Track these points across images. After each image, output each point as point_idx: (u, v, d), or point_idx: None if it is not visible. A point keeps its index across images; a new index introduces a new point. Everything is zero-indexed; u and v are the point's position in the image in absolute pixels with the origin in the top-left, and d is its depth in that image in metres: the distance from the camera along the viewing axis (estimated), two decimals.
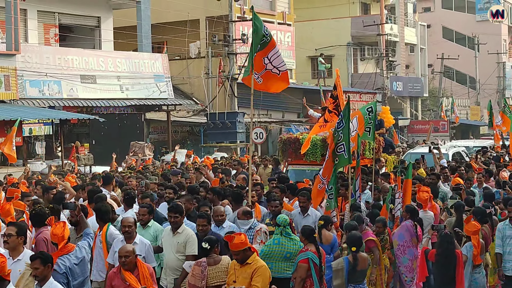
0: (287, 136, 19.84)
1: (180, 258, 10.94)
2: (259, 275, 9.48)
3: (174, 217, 11.09)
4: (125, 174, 21.09)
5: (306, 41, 49.51)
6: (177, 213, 11.12)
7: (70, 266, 9.59)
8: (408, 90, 57.76)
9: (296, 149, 18.85)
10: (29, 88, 30.12)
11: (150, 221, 11.88)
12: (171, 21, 40.65)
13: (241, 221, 12.08)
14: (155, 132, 39.05)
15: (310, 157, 18.35)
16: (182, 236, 11.03)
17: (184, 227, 11.16)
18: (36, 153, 30.98)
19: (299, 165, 19.03)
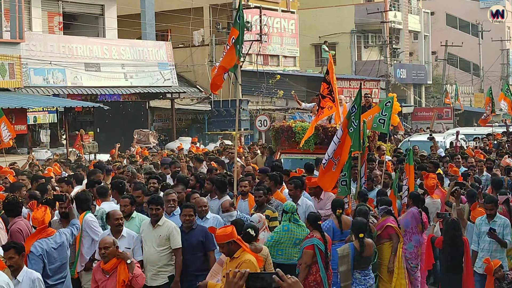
0: (280, 124, 19.35)
1: (161, 252, 10.50)
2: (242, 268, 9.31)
3: (155, 209, 10.57)
4: (116, 163, 20.70)
5: (310, 29, 49.38)
6: (158, 205, 10.64)
7: (48, 249, 9.57)
8: (412, 78, 57.66)
9: (289, 138, 18.54)
10: (34, 76, 30.09)
11: (133, 212, 11.24)
12: (175, 9, 40.55)
13: (226, 213, 11.79)
14: (159, 120, 39.03)
15: (304, 146, 17.89)
16: (163, 228, 10.56)
17: (165, 219, 10.70)
18: (41, 141, 30.98)
19: (293, 154, 18.64)
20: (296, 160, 18.08)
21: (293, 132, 18.34)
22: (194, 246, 10.57)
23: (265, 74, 40.15)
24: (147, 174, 15.36)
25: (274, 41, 44.70)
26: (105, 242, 9.07)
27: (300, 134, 18.08)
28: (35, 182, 14.64)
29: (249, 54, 40.37)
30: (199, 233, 10.62)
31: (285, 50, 46.13)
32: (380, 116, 15.67)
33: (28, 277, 8.38)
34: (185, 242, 10.52)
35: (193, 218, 10.66)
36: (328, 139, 17.04)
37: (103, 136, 33.73)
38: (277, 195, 13.20)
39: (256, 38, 40.03)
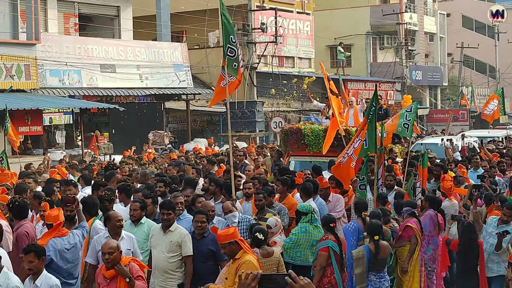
0: (289, 126, 19.09)
1: (171, 258, 10.15)
2: (242, 270, 9.19)
3: (166, 214, 10.24)
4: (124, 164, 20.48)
5: (325, 30, 49.26)
6: (170, 210, 10.31)
7: (61, 249, 9.55)
8: (427, 79, 57.46)
9: (298, 140, 18.23)
10: (49, 78, 30.16)
11: (143, 217, 10.98)
12: (190, 10, 40.54)
13: (229, 214, 11.43)
14: (174, 121, 39.04)
15: (314, 148, 17.85)
16: (175, 234, 10.23)
17: (177, 225, 10.38)
18: (56, 142, 31.05)
19: (302, 156, 18.37)
20: (305, 163, 17.77)
21: (302, 134, 18.05)
22: (205, 254, 10.23)
23: (280, 75, 40.07)
24: (157, 177, 15.06)
25: (289, 43, 44.65)
26: (109, 247, 8.63)
27: (309, 136, 17.89)
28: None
29: (264, 55, 40.33)
30: (210, 242, 10.25)
31: (300, 52, 46.08)
32: (405, 121, 15.48)
33: (47, 282, 8.30)
34: (195, 249, 10.20)
35: (205, 225, 10.31)
36: (338, 141, 17.12)
37: (118, 137, 33.80)
38: (288, 200, 12.98)
39: (271, 39, 39.97)
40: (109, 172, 15.82)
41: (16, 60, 28.18)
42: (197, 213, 10.46)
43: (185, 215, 11.32)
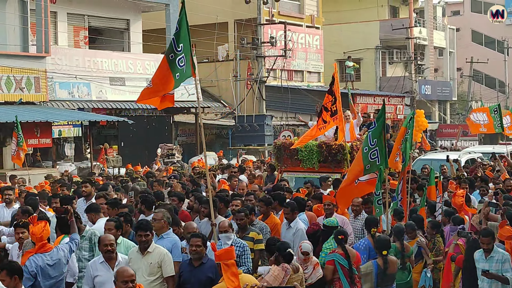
0: (282, 141, 18.53)
1: (152, 282, 9.58)
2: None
3: (144, 235, 9.64)
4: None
5: (335, 45, 49.23)
6: (147, 231, 9.73)
7: (42, 265, 9.44)
8: (436, 94, 57.36)
9: (291, 155, 17.72)
10: (59, 90, 30.20)
11: (119, 237, 10.30)
12: (199, 24, 40.52)
13: (227, 234, 10.66)
14: (183, 134, 39.04)
15: (307, 164, 17.42)
16: (154, 256, 9.65)
17: (155, 246, 9.79)
18: (65, 154, 31.06)
19: (295, 172, 17.87)
20: (299, 179, 17.48)
21: (295, 149, 17.57)
22: (203, 282, 9.52)
23: (289, 89, 40.05)
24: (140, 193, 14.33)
25: (299, 57, 44.66)
26: (130, 274, 7.97)
27: (303, 151, 17.46)
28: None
29: (273, 69, 40.32)
30: (209, 269, 9.55)
31: (309, 66, 46.07)
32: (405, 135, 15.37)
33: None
34: (193, 277, 9.55)
35: (201, 249, 9.56)
36: (332, 157, 17.05)
37: (127, 150, 33.79)
38: (271, 219, 12.50)
39: (281, 53, 39.97)
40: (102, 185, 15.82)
41: (26, 72, 28.24)
42: (193, 237, 9.75)
43: (169, 233, 10.64)
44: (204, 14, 40.18)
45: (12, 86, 27.82)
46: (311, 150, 17.35)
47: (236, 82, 40.14)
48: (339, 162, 17.15)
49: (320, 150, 17.21)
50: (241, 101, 39.36)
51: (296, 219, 12.19)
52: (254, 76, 39.62)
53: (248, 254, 10.59)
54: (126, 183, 18.82)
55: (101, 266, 9.39)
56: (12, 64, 27.72)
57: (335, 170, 17.19)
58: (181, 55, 11.67)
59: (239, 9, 40.20)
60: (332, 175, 16.84)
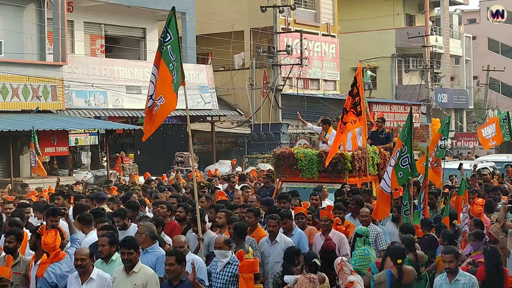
0: (281, 150, 17.51)
1: None
2: None
3: (127, 253, 8.97)
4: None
5: (351, 53, 49.13)
6: (131, 248, 9.04)
7: (61, 274, 9.27)
8: (453, 102, 57.13)
9: (290, 165, 16.91)
10: (76, 99, 30.27)
11: (114, 254, 9.56)
12: (216, 33, 40.64)
13: (222, 251, 9.80)
14: (199, 143, 39.03)
15: (307, 174, 16.68)
16: (139, 276, 8.97)
17: (141, 265, 9.11)
18: (82, 163, 31.13)
19: (295, 183, 16.92)
20: (299, 189, 16.12)
21: (295, 159, 16.79)
22: None
23: (305, 98, 40.00)
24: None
25: (315, 65, 44.60)
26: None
27: (302, 161, 16.69)
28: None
29: (289, 77, 40.29)
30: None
31: (325, 74, 46.01)
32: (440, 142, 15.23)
33: None
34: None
35: (175, 267, 8.79)
36: (333, 166, 16.36)
37: (143, 159, 33.85)
38: (257, 232, 11.79)
39: (297, 62, 39.94)
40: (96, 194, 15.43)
41: (43, 81, 28.34)
42: (167, 254, 9.05)
43: (154, 247, 10.05)
44: (220, 23, 40.25)
45: (29, 95, 27.93)
46: (311, 159, 16.70)
47: (252, 91, 40.13)
48: (339, 172, 16.43)
49: (320, 160, 16.53)
50: (257, 109, 39.35)
51: (279, 233, 11.37)
52: (270, 84, 39.62)
53: None
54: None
55: (74, 280, 8.89)
56: (29, 73, 27.82)
57: (336, 180, 16.45)
58: (176, 64, 11.50)
59: (255, 18, 40.22)
60: (333, 185, 16.14)
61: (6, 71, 26.89)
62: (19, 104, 27.74)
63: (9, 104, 27.42)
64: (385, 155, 17.40)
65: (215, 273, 9.76)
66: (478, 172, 22.31)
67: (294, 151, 17.03)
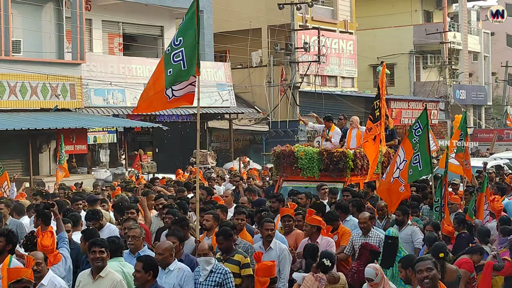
0: (281, 149, 17.08)
1: None
2: None
3: (99, 251, 8.38)
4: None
5: (368, 50, 48.97)
6: (102, 247, 8.42)
7: (63, 276, 8.85)
8: (471, 99, 56.80)
9: (291, 163, 16.54)
10: (94, 97, 30.32)
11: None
12: (233, 30, 40.57)
13: (206, 258, 9.00)
14: (217, 140, 39.01)
15: (307, 173, 16.30)
16: (105, 282, 8.30)
17: (108, 270, 8.40)
18: (101, 161, 31.16)
19: (295, 182, 16.52)
20: (299, 188, 15.79)
21: (295, 157, 16.45)
22: None
23: (323, 95, 39.88)
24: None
25: (332, 62, 44.45)
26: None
27: (302, 159, 16.33)
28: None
29: (307, 75, 40.16)
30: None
31: (343, 71, 45.85)
32: (459, 137, 15.07)
33: None
34: None
35: (140, 275, 8.02)
36: (334, 164, 16.04)
37: (161, 156, 33.83)
38: (242, 235, 11.03)
39: (314, 59, 39.82)
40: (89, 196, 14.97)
41: (62, 79, 28.39)
42: (137, 260, 8.28)
43: (145, 250, 9.58)
44: (237, 20, 40.18)
45: (48, 93, 28.00)
46: (312, 157, 16.30)
47: (270, 88, 40.04)
48: (341, 171, 16.05)
49: (321, 158, 16.21)
50: (275, 106, 39.26)
51: (274, 239, 10.59)
52: (288, 81, 39.49)
53: (231, 282, 8.97)
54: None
55: None
56: (48, 71, 27.88)
57: (337, 179, 16.04)
58: (178, 50, 10.59)
59: (272, 15, 40.12)
60: (334, 184, 15.66)
61: (25, 69, 26.97)
62: (38, 102, 27.81)
63: (28, 103, 27.50)
64: (389, 153, 17.14)
65: (198, 283, 8.93)
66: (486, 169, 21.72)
67: (294, 149, 16.66)
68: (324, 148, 16.76)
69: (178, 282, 8.76)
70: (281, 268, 10.15)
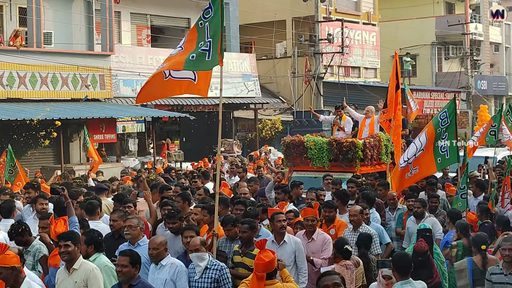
0: (291, 138, 16.66)
1: None
2: None
3: (64, 245, 8.10)
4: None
5: (391, 41, 48.61)
6: (68, 240, 8.12)
7: None
8: (492, 89, 56.26)
9: (301, 153, 16.14)
10: (123, 87, 30.40)
11: (94, 254, 8.68)
12: (258, 22, 40.51)
13: (199, 254, 8.52)
14: (243, 129, 38.99)
15: (317, 163, 15.85)
16: (79, 273, 8.04)
17: (82, 261, 8.16)
18: (129, 149, 31.25)
19: (305, 172, 16.03)
20: (309, 179, 15.36)
21: (305, 147, 16.02)
22: None
23: (346, 85, 39.71)
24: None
25: (356, 53, 44.22)
26: None
27: (312, 149, 15.94)
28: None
29: (330, 65, 40.03)
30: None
31: (366, 62, 45.61)
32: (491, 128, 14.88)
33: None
34: None
35: (127, 270, 7.67)
36: (343, 155, 15.60)
37: (188, 145, 33.91)
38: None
39: (338, 50, 39.65)
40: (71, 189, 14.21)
41: (91, 70, 28.49)
42: (120, 254, 7.93)
43: (144, 240, 9.27)
44: (262, 12, 40.13)
45: (78, 84, 28.10)
46: (321, 147, 15.87)
47: (294, 79, 39.95)
48: (350, 161, 15.63)
49: (331, 148, 15.77)
50: (299, 97, 39.18)
51: (287, 234, 9.89)
52: (312, 72, 39.40)
53: (228, 279, 8.55)
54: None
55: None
56: (78, 62, 27.99)
57: (347, 170, 15.63)
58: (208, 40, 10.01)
59: (297, 7, 39.99)
60: (344, 174, 15.22)
61: (56, 61, 27.08)
62: (68, 93, 27.94)
63: (59, 93, 27.63)
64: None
65: (193, 281, 8.48)
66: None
67: (304, 139, 16.22)
68: (335, 137, 16.37)
69: (170, 278, 8.38)
70: (299, 263, 9.61)
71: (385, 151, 16.22)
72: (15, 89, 26.27)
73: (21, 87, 26.47)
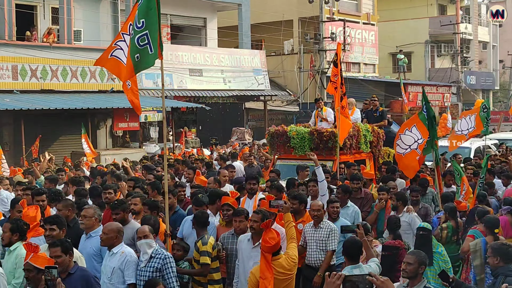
0: (275, 129, 16.05)
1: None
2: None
3: (49, 229, 7.58)
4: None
5: (388, 39, 48.50)
6: (54, 224, 7.65)
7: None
8: (480, 84, 56.08)
9: (284, 143, 15.62)
10: (145, 80, 30.42)
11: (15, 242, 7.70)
12: (268, 21, 40.47)
13: (147, 241, 7.76)
14: (253, 119, 39.04)
15: (299, 151, 15.32)
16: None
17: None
18: (151, 136, 31.33)
19: (288, 160, 15.57)
20: (292, 166, 14.83)
21: (288, 137, 15.54)
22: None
23: (348, 79, 39.62)
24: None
25: (356, 50, 44.12)
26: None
27: (294, 139, 15.38)
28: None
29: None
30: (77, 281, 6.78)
31: (365, 58, 45.49)
32: (485, 121, 14.75)
33: None
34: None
35: (62, 259, 6.75)
36: (324, 143, 15.10)
37: (204, 133, 33.95)
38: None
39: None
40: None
41: None
42: (50, 246, 6.98)
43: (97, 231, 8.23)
44: (271, 13, 40.10)
45: (105, 77, 28.15)
46: (303, 137, 15.36)
47: (300, 73, 39.92)
48: (330, 150, 15.06)
49: (312, 137, 15.25)
50: (305, 90, 39.15)
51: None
52: (316, 67, 39.34)
53: (172, 268, 7.73)
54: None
55: None
56: None
57: (327, 158, 15.00)
58: (143, 33, 8.57)
59: (303, 8, 39.89)
60: (325, 162, 14.36)
61: (85, 56, 27.12)
62: (96, 85, 28.00)
63: (88, 85, 27.71)
64: (379, 133, 16.38)
65: (139, 269, 7.70)
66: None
67: (287, 130, 15.70)
68: (316, 127, 15.84)
69: (118, 266, 7.59)
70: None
71: (364, 140, 15.83)
72: (48, 81, 26.37)
73: (53, 80, 26.56)
